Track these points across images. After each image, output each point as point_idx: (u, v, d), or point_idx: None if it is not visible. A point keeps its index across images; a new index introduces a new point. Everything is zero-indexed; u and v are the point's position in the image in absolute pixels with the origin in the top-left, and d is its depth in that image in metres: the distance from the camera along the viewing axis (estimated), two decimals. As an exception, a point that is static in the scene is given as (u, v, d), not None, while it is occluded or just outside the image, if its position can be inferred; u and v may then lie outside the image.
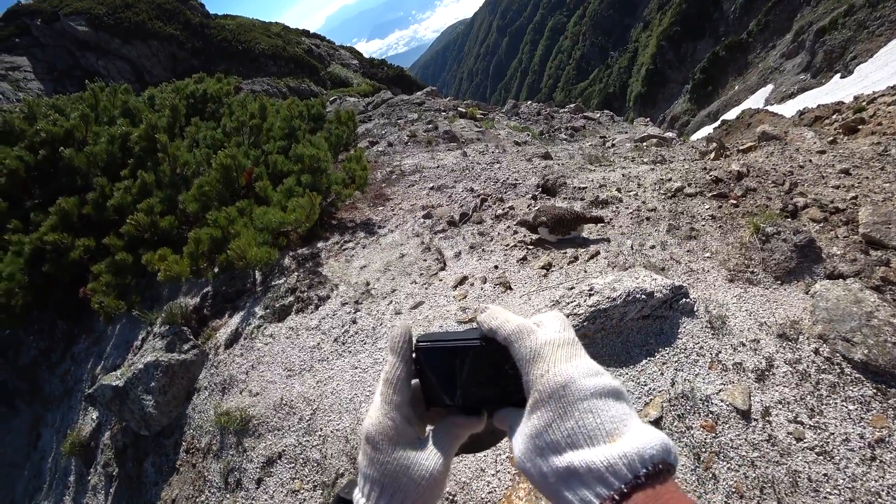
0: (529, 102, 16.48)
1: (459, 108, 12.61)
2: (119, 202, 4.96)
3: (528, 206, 5.84)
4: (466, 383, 0.58)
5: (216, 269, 4.37)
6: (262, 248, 3.80)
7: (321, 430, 2.82)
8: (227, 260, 4.00)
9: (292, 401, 3.00)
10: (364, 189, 5.21)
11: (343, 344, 3.19)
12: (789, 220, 4.06)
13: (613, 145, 10.17)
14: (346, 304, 3.53)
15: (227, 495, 3.11)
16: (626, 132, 12.06)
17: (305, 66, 37.37)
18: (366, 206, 5.65)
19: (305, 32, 45.39)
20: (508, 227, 5.19)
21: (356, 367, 3.02)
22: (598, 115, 14.27)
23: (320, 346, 3.21)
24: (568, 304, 3.11)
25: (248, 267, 3.87)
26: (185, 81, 8.83)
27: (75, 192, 6.15)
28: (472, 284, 3.91)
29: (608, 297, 3.05)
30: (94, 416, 4.77)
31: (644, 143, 9.55)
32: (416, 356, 0.60)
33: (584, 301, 3.07)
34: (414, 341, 0.61)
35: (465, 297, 3.76)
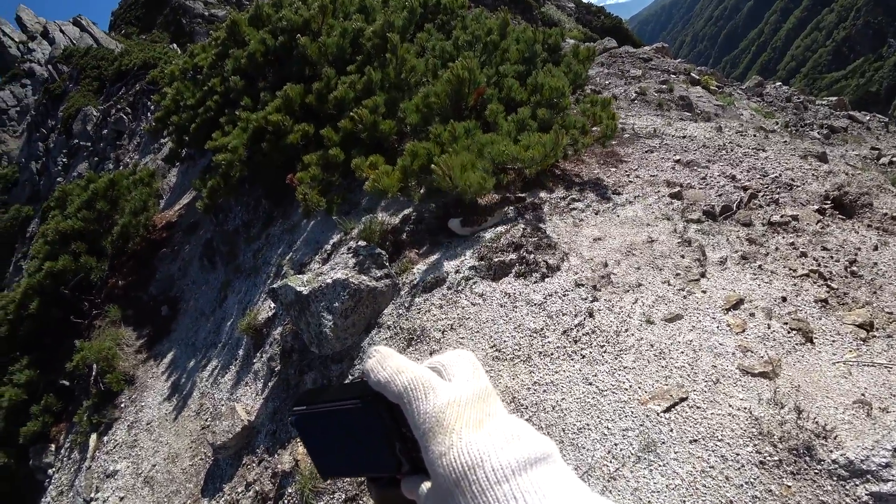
0: (778, 84, 13.31)
1: (692, 74, 10.48)
2: (341, 96, 4.70)
3: (818, 221, 4.22)
4: (360, 450, 0.45)
5: (423, 191, 3.84)
6: (475, 173, 3.07)
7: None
8: (438, 184, 3.40)
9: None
10: (606, 143, 4.17)
11: (575, 342, 2.35)
12: None
13: (893, 163, 7.42)
14: (582, 285, 2.66)
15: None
16: (909, 149, 8.78)
17: (520, 1, 35.84)
18: (594, 163, 4.62)
19: (526, -32, 43.08)
20: (792, 244, 3.73)
21: (590, 383, 2.17)
22: (868, 119, 10.79)
23: (544, 332, 2.43)
24: None
25: (454, 190, 3.19)
26: (419, -11, 8.41)
27: (303, 81, 6.21)
28: (753, 315, 2.72)
29: None
30: (272, 305, 4.85)
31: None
32: (294, 424, 0.49)
33: None
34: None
35: (744, 331, 2.61)
